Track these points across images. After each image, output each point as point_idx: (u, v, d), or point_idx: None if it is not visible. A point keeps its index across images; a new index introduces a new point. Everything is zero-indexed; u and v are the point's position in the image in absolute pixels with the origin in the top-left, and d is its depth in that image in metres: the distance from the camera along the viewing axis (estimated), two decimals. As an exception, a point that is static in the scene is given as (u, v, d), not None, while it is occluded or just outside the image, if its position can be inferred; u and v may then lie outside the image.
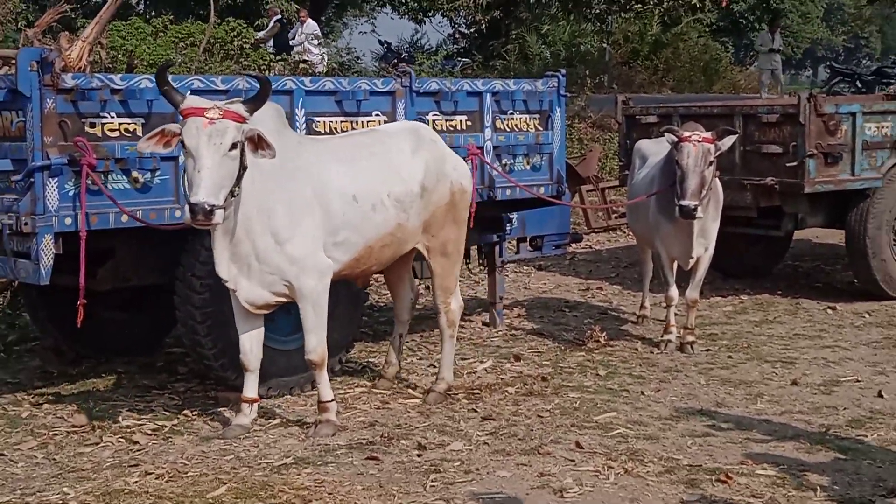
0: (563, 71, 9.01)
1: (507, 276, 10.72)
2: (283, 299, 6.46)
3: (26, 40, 9.54)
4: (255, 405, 6.66)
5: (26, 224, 6.41)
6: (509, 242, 9.64)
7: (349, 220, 6.50)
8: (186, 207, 5.76)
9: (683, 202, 8.02)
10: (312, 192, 6.34)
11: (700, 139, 8.13)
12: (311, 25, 21.79)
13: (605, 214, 15.29)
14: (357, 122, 7.72)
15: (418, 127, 7.28)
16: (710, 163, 8.11)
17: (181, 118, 5.87)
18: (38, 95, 6.37)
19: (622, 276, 12.28)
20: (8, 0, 24.18)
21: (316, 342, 6.44)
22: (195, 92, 6.69)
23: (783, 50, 24.36)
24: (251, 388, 6.59)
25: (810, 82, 64.93)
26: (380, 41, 33.29)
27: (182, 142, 5.80)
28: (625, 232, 14.97)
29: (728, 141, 8.28)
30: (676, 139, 8.20)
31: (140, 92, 6.72)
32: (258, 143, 5.89)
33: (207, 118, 5.72)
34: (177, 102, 5.91)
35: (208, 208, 5.61)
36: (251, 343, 6.53)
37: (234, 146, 5.77)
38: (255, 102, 5.95)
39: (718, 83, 29.60)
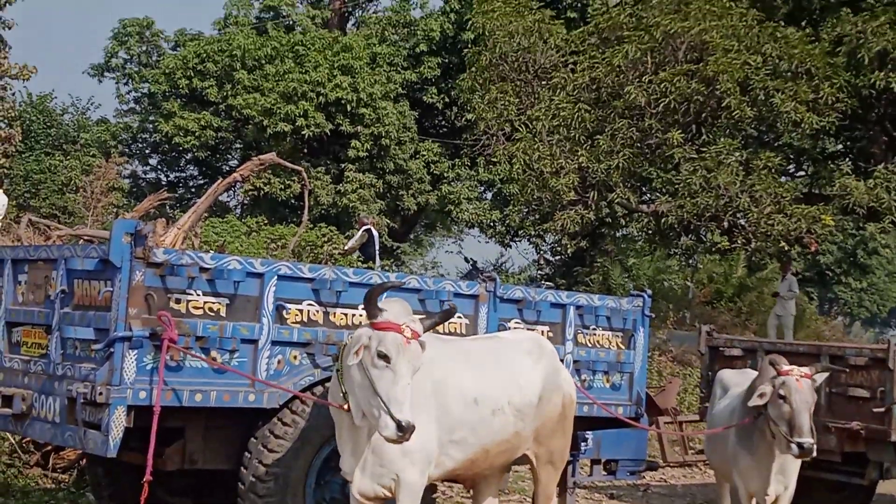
0: (649, 291, 8.93)
1: (576, 500, 10.38)
2: (388, 493, 6.41)
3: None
4: None
5: (101, 394, 6.37)
6: (582, 463, 9.37)
7: (467, 421, 6.60)
8: (391, 422, 5.74)
9: (801, 440, 7.60)
10: (432, 388, 6.42)
11: (802, 374, 7.88)
12: None
13: (682, 448, 14.90)
14: (438, 323, 7.66)
15: (539, 338, 7.54)
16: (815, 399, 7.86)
17: (374, 331, 5.97)
18: (129, 267, 6.43)
19: (697, 512, 11.85)
20: (110, 193, 25.13)
21: None
22: (282, 278, 6.78)
23: (796, 296, 22.17)
24: None
25: (895, 342, 63.84)
26: (465, 259, 33.76)
27: (380, 353, 5.88)
28: (701, 469, 14.55)
29: (821, 378, 8.04)
30: (776, 372, 7.93)
31: (228, 272, 6.76)
32: None
33: (405, 337, 5.93)
34: (374, 315, 6.05)
35: (412, 424, 5.72)
36: None
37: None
38: (431, 325, 6.30)
39: (802, 331, 29.26)
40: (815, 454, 7.65)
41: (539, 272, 31.63)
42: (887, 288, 48.54)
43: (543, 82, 18.29)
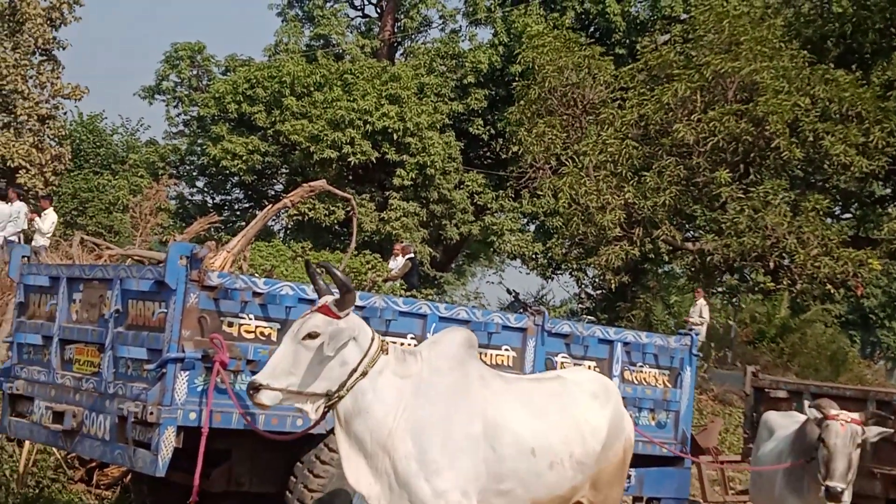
0: (697, 331, 8.92)
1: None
2: None
3: (174, 246, 9.85)
4: None
5: (151, 413, 6.44)
6: (624, 500, 9.31)
7: (519, 471, 5.97)
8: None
9: (831, 483, 7.58)
10: (483, 431, 5.86)
11: (849, 420, 7.83)
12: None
13: (723, 489, 14.74)
14: (486, 355, 7.68)
15: (606, 381, 7.02)
16: (858, 445, 7.78)
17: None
18: (183, 289, 6.51)
19: (737, 554, 11.71)
20: (157, 214, 25.37)
21: None
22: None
23: (706, 322, 22.11)
24: None
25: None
26: (508, 290, 33.75)
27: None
28: (741, 510, 14.38)
29: (876, 431, 7.96)
30: (822, 416, 7.89)
31: (280, 298, 6.83)
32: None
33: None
34: (321, 291, 5.88)
35: (259, 383, 5.47)
36: None
37: (310, 336, 5.58)
38: (342, 303, 5.69)
39: (844, 374, 28.98)
40: (845, 500, 7.58)
41: (580, 306, 31.56)
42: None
43: (591, 117, 18.34)
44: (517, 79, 26.03)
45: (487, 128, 30.30)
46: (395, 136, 27.59)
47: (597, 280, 30.13)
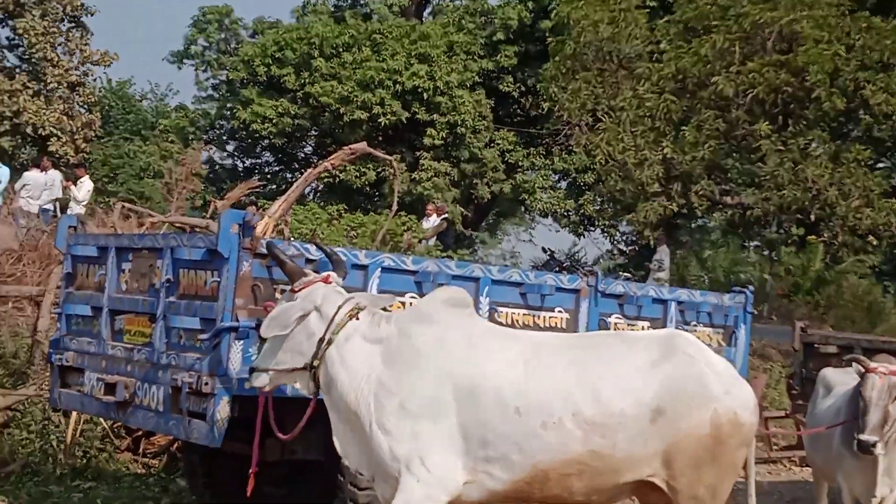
0: (751, 287, 8.77)
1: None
2: None
3: (216, 212, 9.80)
4: None
5: (206, 384, 6.38)
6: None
7: (507, 434, 5.37)
8: None
9: (863, 436, 7.51)
10: (453, 394, 5.41)
11: (887, 371, 7.70)
12: None
13: (766, 445, 14.64)
14: (539, 317, 7.58)
15: (675, 336, 5.84)
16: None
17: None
18: (237, 257, 6.42)
19: (787, 511, 11.64)
20: (191, 180, 25.35)
21: None
22: (385, 269, 6.75)
23: (666, 269, 21.86)
24: None
25: (973, 336, 62.68)
26: (543, 249, 33.56)
27: None
28: (786, 466, 14.30)
29: None
30: (863, 369, 7.79)
31: (333, 264, 6.71)
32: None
33: None
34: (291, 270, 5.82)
35: (252, 366, 5.75)
36: None
37: None
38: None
39: (881, 326, 28.73)
40: (878, 452, 7.45)
41: (612, 262, 31.42)
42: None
43: (627, 72, 18.10)
44: (548, 34, 25.75)
45: (518, 85, 30.03)
46: (424, 96, 27.43)
47: (630, 236, 29.96)
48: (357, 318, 5.62)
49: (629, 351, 5.57)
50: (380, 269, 6.87)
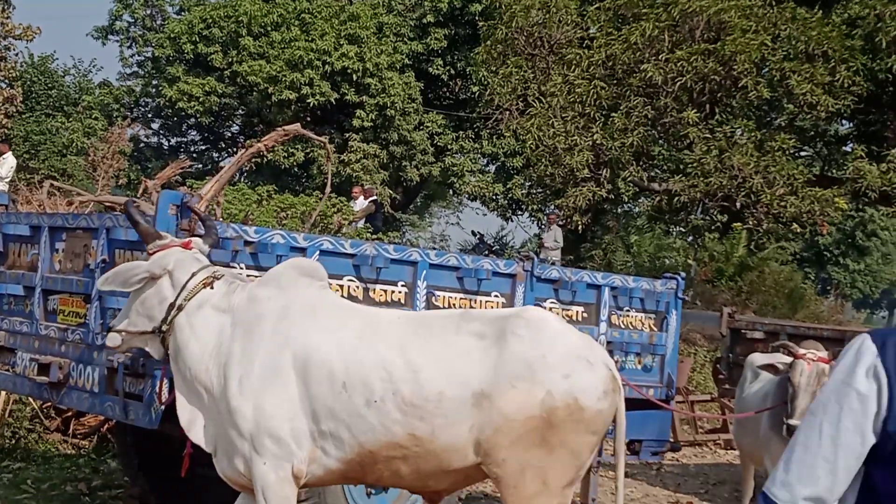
0: (683, 274, 8.91)
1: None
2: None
3: (146, 192, 9.69)
4: None
5: (143, 365, 6.34)
6: (607, 443, 9.35)
7: (335, 410, 5.14)
8: None
9: (792, 421, 7.71)
10: (292, 364, 5.22)
11: (815, 358, 7.91)
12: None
13: (692, 428, 14.92)
14: (476, 301, 7.63)
15: (520, 312, 5.42)
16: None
17: None
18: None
19: (712, 493, 11.87)
20: (116, 157, 25.01)
21: None
22: (323, 252, 6.76)
23: (560, 247, 23.47)
24: None
25: (885, 324, 64.31)
26: (472, 232, 33.73)
27: None
28: (711, 448, 14.60)
29: None
30: (791, 356, 7.99)
31: (272, 247, 6.70)
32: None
33: None
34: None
35: (108, 326, 5.84)
36: None
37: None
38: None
39: (801, 311, 29.37)
40: None
41: (541, 247, 31.61)
42: (881, 270, 48.74)
43: (558, 58, 18.18)
44: (478, 18, 25.77)
45: (447, 68, 30.07)
46: (354, 77, 27.36)
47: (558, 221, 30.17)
48: (212, 288, 5.56)
49: (461, 331, 5.24)
50: (318, 252, 6.87)
